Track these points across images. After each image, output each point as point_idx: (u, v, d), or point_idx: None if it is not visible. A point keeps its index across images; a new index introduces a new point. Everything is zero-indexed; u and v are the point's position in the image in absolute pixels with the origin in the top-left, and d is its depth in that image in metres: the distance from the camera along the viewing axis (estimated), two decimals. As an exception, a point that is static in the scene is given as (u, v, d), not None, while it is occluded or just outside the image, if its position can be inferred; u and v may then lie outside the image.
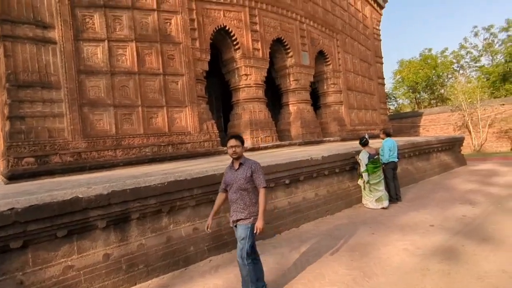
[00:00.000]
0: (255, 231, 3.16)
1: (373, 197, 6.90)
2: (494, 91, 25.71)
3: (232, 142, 3.29)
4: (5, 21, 5.87)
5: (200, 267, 4.35)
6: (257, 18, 9.74)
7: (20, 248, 3.42)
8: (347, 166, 7.37)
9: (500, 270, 3.48)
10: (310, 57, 11.60)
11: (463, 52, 32.67)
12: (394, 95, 37.53)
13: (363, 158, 6.93)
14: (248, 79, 9.60)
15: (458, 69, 33.02)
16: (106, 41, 6.81)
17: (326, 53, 12.62)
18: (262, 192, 3.26)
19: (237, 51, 9.44)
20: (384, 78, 17.50)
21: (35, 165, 5.87)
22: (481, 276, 3.38)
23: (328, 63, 12.83)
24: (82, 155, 6.27)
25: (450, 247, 4.32)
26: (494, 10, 58.64)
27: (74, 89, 6.31)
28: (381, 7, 17.58)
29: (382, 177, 7.05)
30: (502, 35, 29.20)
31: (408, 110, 33.67)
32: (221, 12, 8.89)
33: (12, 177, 5.65)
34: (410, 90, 34.83)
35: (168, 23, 7.76)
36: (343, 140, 12.45)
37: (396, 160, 7.57)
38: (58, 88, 6.20)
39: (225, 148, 8.54)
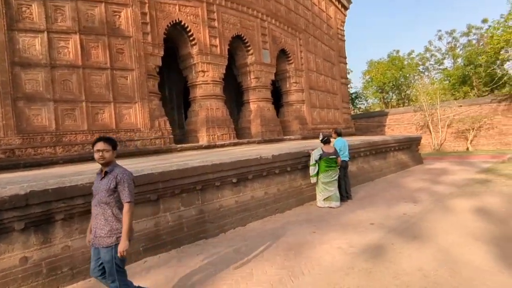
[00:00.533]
0: (118, 254, 2.74)
1: (322, 196, 6.96)
2: (454, 93, 26.85)
3: (100, 145, 2.81)
4: None
5: (133, 269, 4.19)
6: (215, 14, 9.58)
7: None
8: (299, 164, 7.39)
9: (417, 268, 3.56)
10: (271, 55, 11.59)
11: (428, 55, 33.96)
12: (364, 94, 38.50)
13: (314, 154, 6.98)
14: (205, 76, 9.44)
15: (423, 71, 34.28)
16: (46, 32, 6.46)
17: (288, 52, 12.66)
18: (125, 207, 2.80)
19: (194, 47, 9.25)
20: (347, 78, 17.82)
21: (-39, 162, 5.49)
22: (398, 274, 3.45)
23: (291, 61, 12.87)
24: (15, 152, 5.92)
25: (381, 245, 4.41)
26: (457, 15, 61.25)
27: (7, 82, 5.95)
28: (346, 8, 17.87)
29: (335, 178, 7.06)
30: (463, 39, 30.60)
31: (378, 109, 34.60)
32: (176, 7, 8.66)
33: None
34: (379, 90, 35.84)
35: (117, 16, 7.47)
36: (304, 138, 12.54)
37: (347, 159, 7.69)
38: (-12, 81, 5.82)
39: (178, 146, 8.38)
